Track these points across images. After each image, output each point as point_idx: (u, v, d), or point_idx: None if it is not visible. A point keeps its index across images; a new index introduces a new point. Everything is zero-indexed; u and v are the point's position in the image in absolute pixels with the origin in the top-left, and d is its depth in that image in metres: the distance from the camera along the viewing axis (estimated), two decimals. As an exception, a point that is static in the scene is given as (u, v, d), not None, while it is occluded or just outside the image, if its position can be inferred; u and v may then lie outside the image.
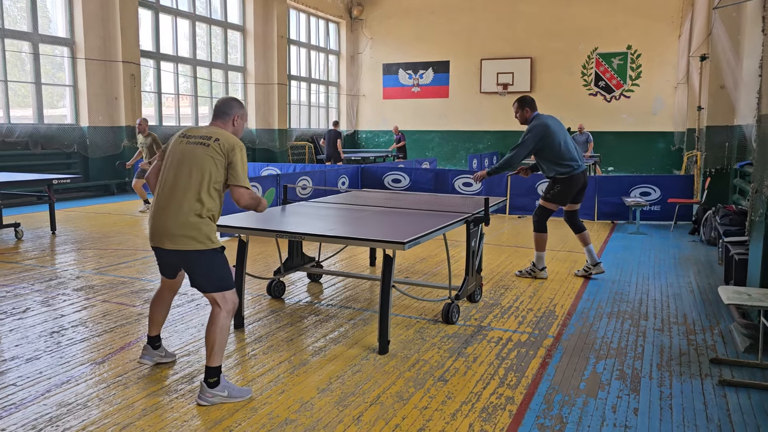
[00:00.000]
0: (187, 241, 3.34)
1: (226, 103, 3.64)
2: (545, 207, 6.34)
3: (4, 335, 4.50)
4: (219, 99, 3.75)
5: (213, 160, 3.37)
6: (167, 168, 3.47)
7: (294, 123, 21.43)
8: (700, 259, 7.55)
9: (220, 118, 3.60)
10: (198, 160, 3.37)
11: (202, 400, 3.36)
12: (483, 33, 21.86)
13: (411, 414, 3.31)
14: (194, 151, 3.40)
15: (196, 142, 3.44)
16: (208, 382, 3.37)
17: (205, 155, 3.38)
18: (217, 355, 3.38)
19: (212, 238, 3.42)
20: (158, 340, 3.91)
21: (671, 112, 19.80)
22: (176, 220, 3.34)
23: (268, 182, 9.77)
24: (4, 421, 3.18)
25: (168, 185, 3.41)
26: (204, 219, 3.38)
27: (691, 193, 10.36)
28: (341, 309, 5.25)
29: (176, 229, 3.34)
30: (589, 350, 4.32)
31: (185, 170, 3.38)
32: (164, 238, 3.38)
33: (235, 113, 3.62)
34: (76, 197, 13.04)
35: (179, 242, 3.35)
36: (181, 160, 3.41)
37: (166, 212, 3.37)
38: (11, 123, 12.51)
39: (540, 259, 6.36)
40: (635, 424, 3.23)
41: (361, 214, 5.36)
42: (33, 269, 6.55)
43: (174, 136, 3.59)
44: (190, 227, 3.33)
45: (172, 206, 3.36)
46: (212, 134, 3.46)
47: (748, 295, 3.77)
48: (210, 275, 3.41)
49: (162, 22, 16.00)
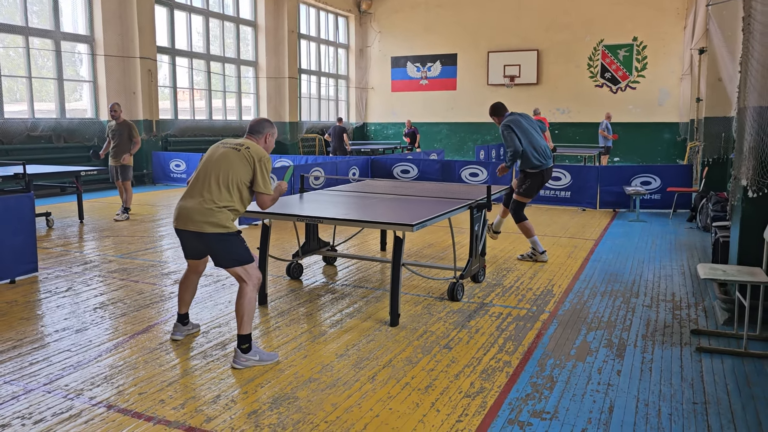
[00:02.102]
0: (206, 226, 3.81)
1: (260, 123, 4.20)
2: (519, 201, 6.86)
3: (52, 311, 4.98)
4: (253, 119, 4.28)
5: (241, 163, 3.90)
6: (202, 164, 4.01)
7: (305, 116, 21.88)
8: (695, 244, 7.94)
9: (254, 135, 4.13)
10: (229, 160, 3.90)
11: (236, 364, 3.82)
12: (490, 26, 22.17)
13: (419, 375, 3.75)
14: (227, 153, 3.95)
15: (231, 146, 3.99)
16: (241, 348, 3.84)
17: (235, 157, 3.91)
18: (246, 324, 3.83)
19: (227, 225, 3.87)
20: (187, 317, 4.39)
21: (677, 102, 20.06)
22: (200, 207, 3.83)
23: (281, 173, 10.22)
24: (66, 379, 3.65)
25: (200, 178, 3.93)
26: (221, 210, 3.83)
27: (690, 182, 10.72)
28: (355, 288, 5.70)
29: (198, 215, 3.81)
30: (582, 323, 4.75)
31: (216, 167, 3.90)
32: (188, 221, 3.85)
33: (267, 132, 4.17)
34: (97, 188, 13.55)
35: (200, 226, 3.82)
36: (215, 160, 3.95)
37: (194, 200, 3.87)
38: (35, 118, 13.02)
39: (536, 244, 6.83)
40: (617, 382, 3.67)
41: (373, 201, 5.80)
42: (67, 254, 7.04)
43: (214, 147, 4.13)
44: (210, 215, 3.80)
45: (198, 195, 3.86)
46: (245, 143, 4.01)
47: (723, 271, 4.18)
48: (229, 253, 3.87)
49: (177, 19, 16.45)
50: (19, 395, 3.44)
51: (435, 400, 3.41)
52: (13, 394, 3.46)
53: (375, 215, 5.05)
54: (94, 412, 3.25)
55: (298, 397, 3.44)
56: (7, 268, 5.75)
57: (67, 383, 3.60)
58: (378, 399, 3.42)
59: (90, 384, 3.59)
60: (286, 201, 5.79)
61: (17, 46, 12.85)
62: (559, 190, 11.22)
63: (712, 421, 3.20)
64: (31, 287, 5.65)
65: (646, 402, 3.40)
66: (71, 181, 9.62)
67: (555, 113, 21.41)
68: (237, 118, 19.01)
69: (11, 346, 4.18)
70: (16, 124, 12.45)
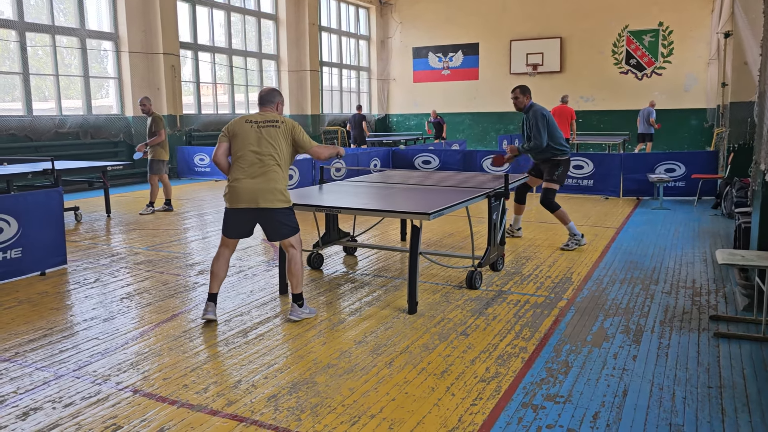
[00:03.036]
0: (277, 202, 4.33)
1: (270, 93, 4.56)
2: (551, 188, 6.90)
3: (81, 301, 5.15)
4: (263, 89, 4.59)
5: (285, 138, 4.39)
6: (245, 147, 4.34)
7: (326, 108, 21.98)
8: (719, 231, 7.85)
9: (268, 105, 4.51)
10: (275, 139, 4.35)
11: (293, 316, 4.53)
12: (512, 14, 21.99)
13: (435, 360, 3.82)
14: (270, 132, 4.35)
15: (268, 125, 4.37)
16: (298, 303, 4.55)
17: (278, 134, 4.36)
18: (300, 284, 4.53)
19: (289, 198, 4.45)
20: (216, 297, 4.62)
21: (704, 88, 19.69)
22: (268, 185, 4.30)
23: (304, 165, 10.34)
24: (94, 365, 3.80)
25: (253, 161, 4.32)
26: (284, 185, 4.40)
27: (716, 169, 10.57)
28: (374, 278, 5.77)
29: (268, 194, 4.30)
30: (599, 310, 4.76)
31: (267, 147, 4.32)
32: (258, 199, 4.29)
33: (277, 100, 4.56)
34: (123, 183, 13.83)
35: (272, 202, 4.31)
36: (260, 140, 4.33)
37: (258, 181, 4.29)
38: (63, 115, 13.32)
39: (572, 229, 6.88)
40: (632, 367, 3.69)
41: (391, 191, 5.86)
42: (95, 247, 7.23)
43: (237, 122, 4.42)
44: (278, 192, 4.33)
45: (262, 176, 4.30)
46: (275, 118, 4.42)
47: (741, 256, 4.16)
48: (288, 225, 4.45)
49: (199, 14, 16.64)
50: (50, 380, 3.59)
51: (450, 384, 3.47)
52: (45, 379, 3.61)
53: (392, 205, 5.11)
54: (120, 396, 3.38)
55: (317, 382, 3.53)
56: (38, 260, 5.94)
57: (95, 369, 3.74)
58: (394, 384, 3.49)
59: (117, 370, 3.73)
60: (306, 192, 5.88)
61: (45, 45, 13.15)
62: (581, 178, 11.14)
63: (727, 404, 3.21)
64: (61, 279, 5.84)
65: (660, 386, 3.42)
66: (98, 176, 9.84)
67: (579, 101, 21.18)
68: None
69: (42, 334, 4.34)
70: (45, 122, 12.75)
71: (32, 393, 3.43)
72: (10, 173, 8.19)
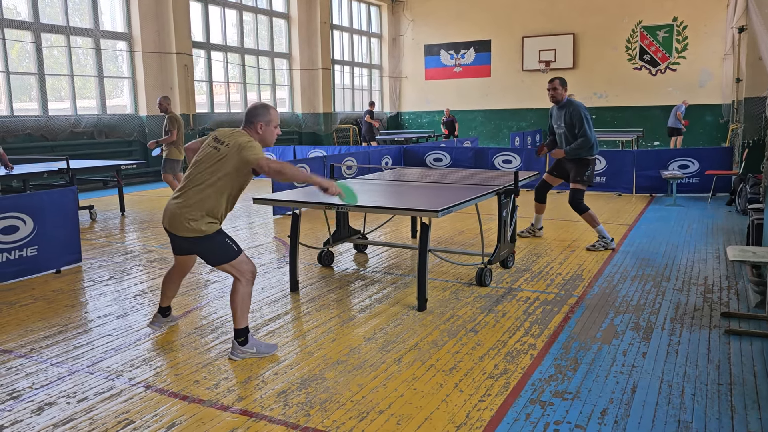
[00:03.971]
0: (186, 231, 3.72)
1: (251, 111, 3.84)
2: (579, 189, 6.68)
3: (95, 298, 5.22)
4: (251, 104, 3.92)
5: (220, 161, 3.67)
6: (192, 163, 3.84)
7: (338, 106, 22.03)
8: (733, 228, 7.79)
9: (247, 125, 3.84)
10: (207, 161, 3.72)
11: (234, 356, 3.82)
12: (524, 10, 21.90)
13: (444, 357, 3.83)
14: (206, 153, 3.76)
15: (214, 146, 3.75)
16: (239, 341, 3.83)
17: (215, 157, 3.69)
18: (241, 318, 3.81)
19: (204, 229, 3.72)
20: (169, 310, 4.39)
21: (720, 83, 19.48)
22: (180, 210, 3.70)
23: (316, 163, 10.37)
24: (108, 362, 3.85)
25: (187, 178, 3.80)
26: (204, 216, 3.70)
27: (730, 165, 10.47)
28: (384, 275, 5.79)
29: (180, 219, 3.70)
30: (610, 307, 4.75)
31: (197, 168, 3.74)
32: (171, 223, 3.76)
33: (258, 121, 3.78)
34: (137, 182, 13.96)
35: (181, 230, 3.73)
36: (198, 160, 3.78)
37: (177, 202, 3.74)
38: (78, 114, 13.47)
39: (601, 231, 6.67)
40: (642, 364, 3.68)
41: (403, 189, 5.87)
42: (110, 245, 7.32)
43: (212, 133, 3.90)
44: (190, 220, 3.68)
45: (182, 198, 3.73)
46: (228, 139, 3.72)
47: (753, 252, 4.13)
48: (213, 252, 3.79)
49: (211, 14, 16.74)
50: (65, 376, 3.65)
51: (459, 380, 3.49)
52: (59, 375, 3.67)
53: (402, 202, 5.13)
54: (133, 392, 3.43)
55: (326, 378, 3.56)
56: (53, 258, 6.03)
57: (109, 365, 3.80)
58: (403, 380, 3.51)
59: (130, 366, 3.78)
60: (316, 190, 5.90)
61: (60, 45, 13.30)
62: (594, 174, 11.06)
63: (736, 401, 3.20)
64: (76, 276, 5.92)
65: (669, 383, 3.41)
66: (112, 175, 9.95)
67: (592, 98, 21.05)
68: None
69: (57, 331, 4.41)
70: (60, 121, 12.90)
71: (47, 388, 3.49)
72: (26, 172, 8.30)
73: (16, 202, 5.75)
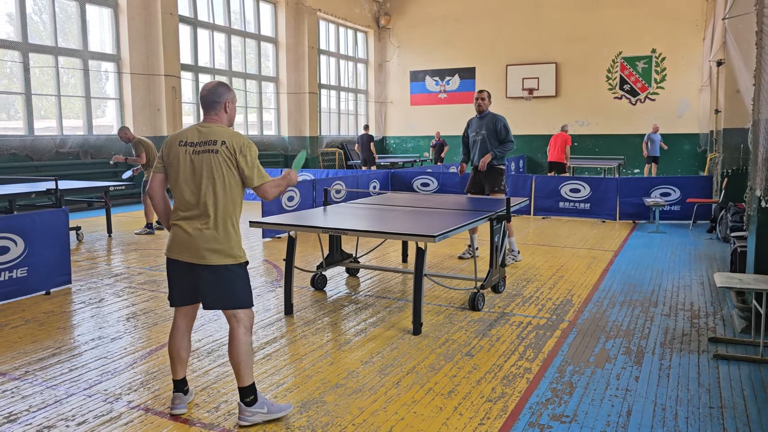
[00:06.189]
0: (212, 255, 3.18)
1: (213, 90, 3.30)
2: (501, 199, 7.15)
3: (87, 320, 5.19)
4: (204, 87, 3.33)
5: (227, 165, 3.20)
6: (180, 181, 3.22)
7: (324, 130, 22.16)
8: (715, 255, 7.97)
9: (212, 110, 3.31)
10: (216, 169, 3.19)
11: (242, 421, 3.23)
12: (508, 39, 22.33)
13: (442, 380, 3.88)
14: (205, 160, 3.19)
15: (204, 149, 3.19)
16: (245, 402, 3.25)
17: (218, 162, 3.18)
18: (247, 375, 3.25)
19: (239, 253, 3.26)
20: (186, 382, 3.52)
21: (697, 114, 19.98)
22: (202, 234, 3.18)
23: (304, 187, 10.43)
24: (104, 384, 3.84)
25: (185, 199, 3.22)
26: (229, 230, 3.22)
27: (710, 193, 10.72)
28: (378, 299, 5.84)
29: (205, 243, 3.17)
30: (601, 331, 4.84)
31: (204, 180, 3.18)
32: (187, 252, 3.21)
33: (224, 99, 3.32)
34: (124, 203, 13.88)
35: (208, 257, 3.18)
36: (194, 171, 3.20)
37: (190, 225, 3.20)
38: (64, 135, 13.41)
39: (512, 245, 7.38)
40: (635, 387, 3.76)
41: (394, 213, 5.95)
42: (98, 267, 7.28)
43: (170, 143, 3.29)
44: (216, 241, 3.18)
45: (196, 219, 3.20)
46: (216, 137, 3.21)
47: (739, 279, 4.26)
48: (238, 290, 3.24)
49: (200, 37, 16.85)
50: (62, 399, 3.63)
51: (458, 404, 3.54)
52: (56, 397, 3.65)
53: (397, 227, 5.20)
54: (132, 415, 3.42)
55: (326, 401, 3.58)
56: (43, 280, 5.99)
57: (106, 388, 3.78)
58: (402, 403, 3.55)
59: (127, 389, 3.77)
60: (310, 214, 5.97)
61: (48, 65, 13.28)
62: (578, 201, 11.28)
63: (728, 424, 3.28)
64: (66, 298, 5.88)
65: (663, 406, 3.49)
66: (100, 195, 9.90)
67: (574, 125, 21.42)
68: (258, 132, 19.32)
69: (51, 353, 4.38)
70: (46, 141, 12.83)
71: (45, 411, 3.47)
72: (13, 192, 8.25)
73: (7, 223, 5.72)
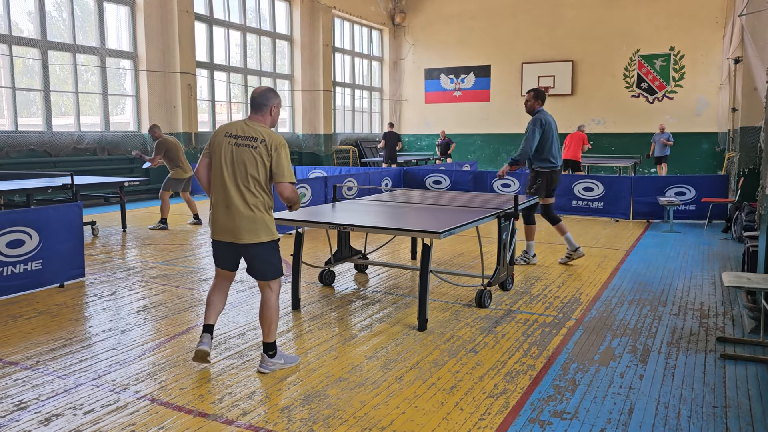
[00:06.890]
0: (251, 235, 3.76)
1: (263, 94, 3.84)
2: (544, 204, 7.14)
3: (99, 313, 5.28)
4: (255, 90, 3.88)
5: (262, 160, 3.72)
6: (221, 167, 3.77)
7: (338, 128, 22.22)
8: (729, 255, 7.89)
9: (259, 111, 3.83)
10: (251, 163, 3.72)
11: (264, 368, 3.92)
12: (524, 37, 22.23)
13: (445, 376, 3.89)
14: (244, 154, 3.72)
15: (245, 143, 3.73)
16: (269, 354, 3.94)
17: (254, 157, 3.72)
18: (274, 332, 3.95)
19: (273, 230, 3.85)
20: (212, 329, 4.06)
21: (716, 112, 19.75)
22: (240, 215, 3.73)
23: (316, 184, 10.48)
24: (113, 375, 3.91)
25: (225, 184, 3.75)
26: (263, 212, 3.79)
27: (726, 193, 10.60)
28: (385, 295, 5.86)
29: (243, 223, 3.74)
30: (607, 330, 4.82)
31: (239, 169, 3.72)
32: (228, 233, 3.80)
33: (271, 104, 3.85)
34: (139, 199, 14.04)
35: (245, 236, 3.76)
36: (233, 161, 3.74)
37: (229, 209, 3.76)
38: (81, 131, 13.60)
39: (530, 247, 7.18)
40: (639, 386, 3.75)
41: (403, 210, 5.97)
42: (111, 261, 7.38)
43: (218, 133, 3.84)
44: (253, 221, 3.74)
45: (234, 203, 3.74)
46: (257, 134, 3.75)
47: (748, 279, 4.22)
48: (274, 264, 3.88)
49: (216, 34, 16.98)
50: (71, 388, 3.70)
51: (459, 399, 3.55)
52: (65, 387, 3.72)
53: (404, 223, 5.22)
54: (138, 405, 3.48)
55: (329, 394, 3.62)
56: (57, 272, 6.09)
57: (114, 378, 3.85)
58: (404, 398, 3.57)
59: (135, 379, 3.83)
60: (319, 210, 6.01)
61: (66, 63, 13.47)
62: (591, 200, 11.21)
63: (731, 423, 3.26)
64: (79, 291, 5.98)
65: (666, 405, 3.48)
66: (115, 191, 10.03)
67: (590, 124, 21.27)
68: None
69: (62, 344, 4.46)
70: (64, 137, 13.02)
71: (54, 400, 3.54)
72: (30, 187, 8.38)
73: (23, 216, 5.82)
